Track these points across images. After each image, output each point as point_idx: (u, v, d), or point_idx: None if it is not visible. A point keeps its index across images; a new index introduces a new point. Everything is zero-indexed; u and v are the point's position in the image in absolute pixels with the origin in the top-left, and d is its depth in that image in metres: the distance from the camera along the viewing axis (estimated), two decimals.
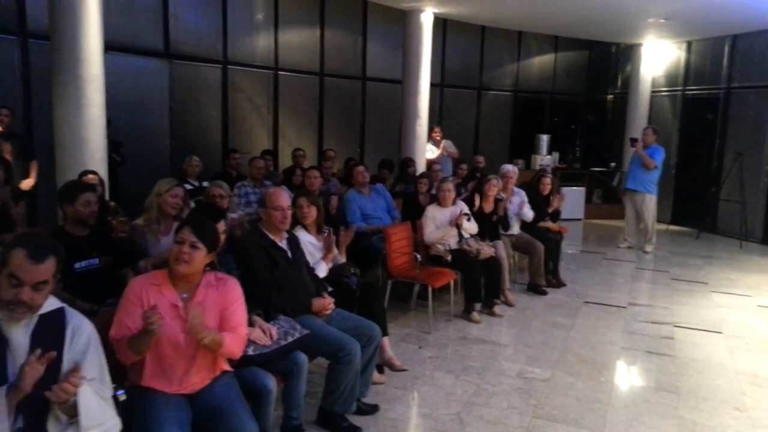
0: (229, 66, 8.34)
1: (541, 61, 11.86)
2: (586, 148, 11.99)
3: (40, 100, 5.97)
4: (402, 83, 9.10)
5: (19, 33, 6.09)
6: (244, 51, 8.52)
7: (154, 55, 7.50)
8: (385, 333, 3.75)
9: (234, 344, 2.46)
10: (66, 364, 1.95)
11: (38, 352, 1.81)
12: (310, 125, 9.45)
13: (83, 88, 4.85)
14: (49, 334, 1.96)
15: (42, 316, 1.95)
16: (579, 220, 10.62)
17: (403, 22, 8.96)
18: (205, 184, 5.33)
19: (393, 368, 3.92)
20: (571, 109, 12.32)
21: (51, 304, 2.00)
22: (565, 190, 9.66)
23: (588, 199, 11.10)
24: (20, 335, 1.91)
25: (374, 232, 5.23)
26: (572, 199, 9.67)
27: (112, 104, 5.19)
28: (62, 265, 1.98)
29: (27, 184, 5.37)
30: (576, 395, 3.72)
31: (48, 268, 1.90)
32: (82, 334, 2.02)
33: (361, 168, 5.65)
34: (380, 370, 3.78)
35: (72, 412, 1.88)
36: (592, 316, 5.34)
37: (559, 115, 12.19)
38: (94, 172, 4.42)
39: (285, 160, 8.38)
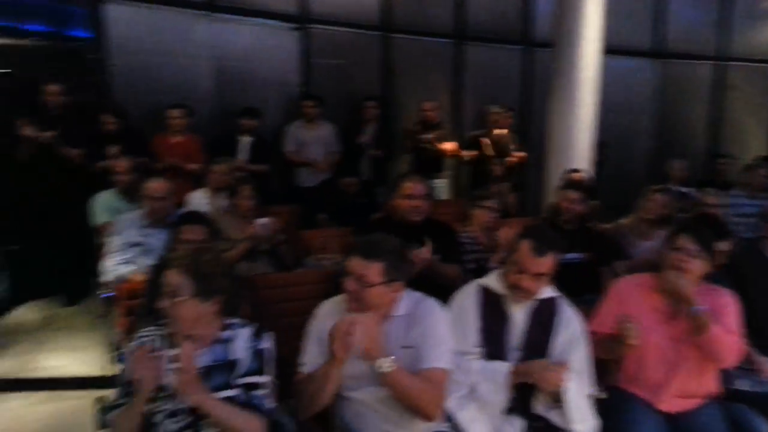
0: (724, 62, 7.50)
1: None
2: None
3: (537, 102, 6.59)
4: None
5: (523, 43, 6.85)
6: (744, 44, 7.49)
7: (644, 55, 7.36)
8: None
9: (725, 341, 2.18)
10: (553, 351, 2.07)
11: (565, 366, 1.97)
12: None
13: (577, 90, 5.09)
14: (543, 319, 2.12)
15: (540, 300, 2.13)
16: None
17: None
18: (687, 190, 4.92)
19: None
20: None
21: (549, 291, 2.15)
22: None
23: None
24: (520, 314, 2.12)
25: None
26: None
27: (600, 105, 5.32)
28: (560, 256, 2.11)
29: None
30: None
31: (547, 262, 2.05)
32: (570, 326, 2.12)
33: None
34: None
35: (556, 398, 1.99)
36: None
37: None
38: (578, 171, 4.61)
39: None
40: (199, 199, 4.13)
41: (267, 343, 1.84)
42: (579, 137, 5.14)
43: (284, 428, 1.87)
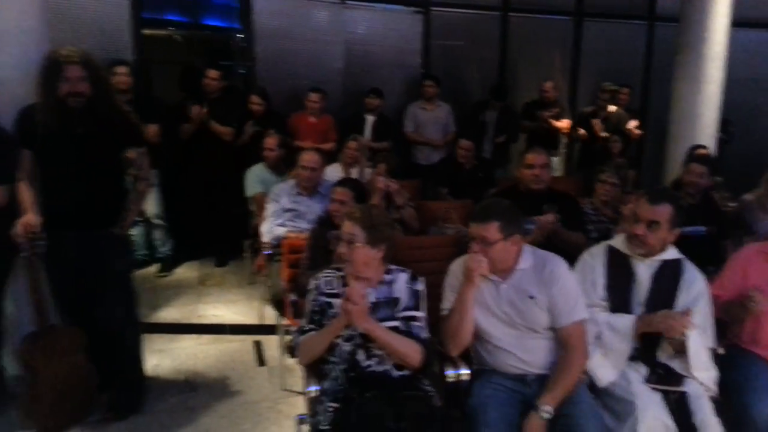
0: None
1: None
2: None
3: (658, 79, 6.50)
4: None
5: (647, 18, 6.71)
6: None
7: None
8: None
9: None
10: (677, 308, 2.23)
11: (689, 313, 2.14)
12: None
13: (703, 66, 5.00)
14: (667, 278, 2.29)
15: (664, 261, 2.30)
16: None
17: None
18: None
19: None
20: None
21: (672, 253, 2.32)
22: None
23: None
24: (645, 273, 2.30)
25: None
26: None
27: (726, 81, 5.19)
28: (679, 216, 2.27)
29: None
30: None
31: (661, 210, 2.24)
32: (694, 286, 2.27)
33: None
34: None
35: (679, 348, 2.16)
36: None
37: None
38: (704, 147, 4.59)
39: None
40: (333, 172, 4.56)
41: (421, 285, 2.19)
42: (704, 114, 5.06)
43: (432, 358, 2.20)
